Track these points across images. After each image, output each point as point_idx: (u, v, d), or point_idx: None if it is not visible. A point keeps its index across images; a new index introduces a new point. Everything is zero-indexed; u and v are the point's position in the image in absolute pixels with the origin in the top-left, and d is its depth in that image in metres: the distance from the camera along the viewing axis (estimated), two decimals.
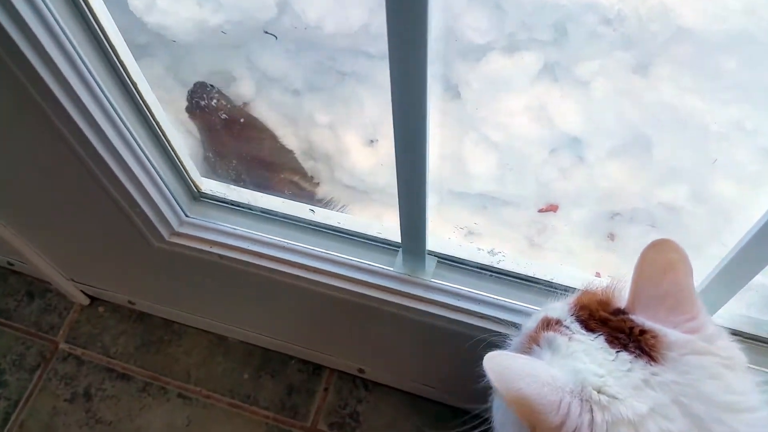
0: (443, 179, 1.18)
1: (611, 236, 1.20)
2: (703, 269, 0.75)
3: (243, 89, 1.27)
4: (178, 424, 1.29)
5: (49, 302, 1.43)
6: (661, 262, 0.55)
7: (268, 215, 0.94)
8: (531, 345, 0.58)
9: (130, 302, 1.35)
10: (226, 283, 1.04)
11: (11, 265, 1.42)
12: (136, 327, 1.39)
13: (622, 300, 0.59)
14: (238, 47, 1.22)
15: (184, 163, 0.92)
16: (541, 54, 1.04)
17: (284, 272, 0.92)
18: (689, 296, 0.54)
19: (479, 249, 0.85)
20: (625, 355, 0.53)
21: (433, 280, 0.87)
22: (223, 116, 1.23)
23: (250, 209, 0.95)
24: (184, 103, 1.29)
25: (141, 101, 0.82)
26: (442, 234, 1.10)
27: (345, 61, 1.19)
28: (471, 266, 0.87)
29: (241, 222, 0.95)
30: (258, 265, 0.93)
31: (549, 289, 0.83)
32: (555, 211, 1.19)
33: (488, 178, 1.16)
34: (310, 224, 0.92)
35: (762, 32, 0.97)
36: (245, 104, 1.29)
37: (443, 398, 1.18)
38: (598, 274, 1.16)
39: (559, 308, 0.60)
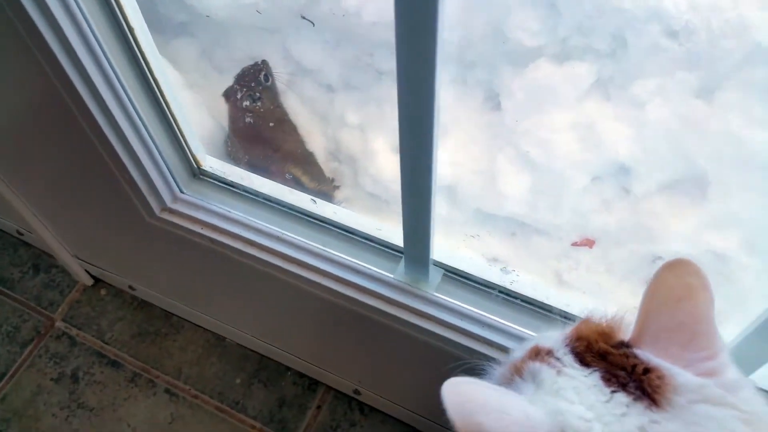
0: (471, 197, 1.08)
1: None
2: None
3: (276, 79, 1.20)
4: (160, 420, 1.22)
5: (53, 278, 1.39)
6: (677, 288, 0.45)
7: (267, 201, 0.86)
8: (513, 376, 0.49)
9: (130, 287, 1.29)
10: (218, 272, 0.96)
11: (21, 234, 1.39)
12: (135, 315, 1.33)
13: (627, 333, 0.49)
14: (273, 32, 1.15)
15: (187, 137, 0.86)
16: (594, 66, 0.93)
17: (276, 265, 0.83)
18: (708, 330, 0.44)
19: (490, 264, 0.75)
20: (621, 397, 0.43)
21: (436, 294, 0.77)
22: (260, 108, 1.15)
23: (249, 193, 0.87)
24: (218, 88, 1.23)
25: (145, 66, 0.76)
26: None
27: (383, 58, 1.11)
28: (480, 284, 0.77)
29: (238, 206, 0.87)
30: (249, 254, 0.85)
31: (567, 320, 0.72)
32: (591, 247, 1.07)
33: (520, 201, 1.06)
34: (311, 216, 0.84)
35: None
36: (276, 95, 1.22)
37: None
38: None
39: (553, 337, 0.50)
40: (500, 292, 0.76)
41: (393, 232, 0.81)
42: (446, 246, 0.77)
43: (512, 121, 1.01)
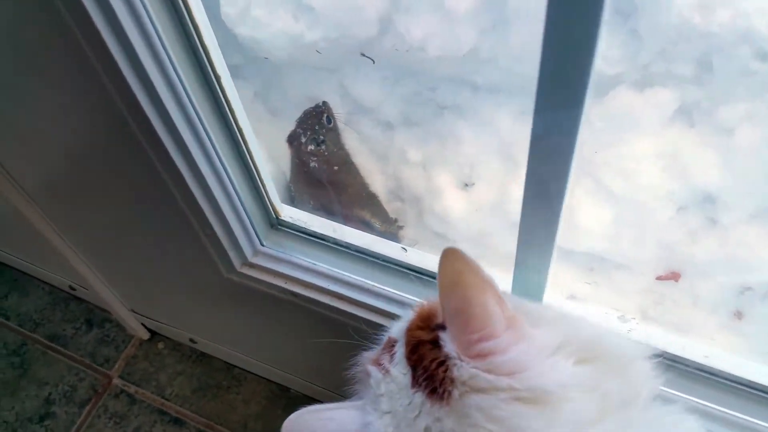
0: None
1: (738, 314, 1.02)
2: None
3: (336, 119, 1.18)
4: None
5: (108, 333, 1.35)
6: (450, 274, 0.46)
7: (352, 252, 0.82)
8: (365, 377, 0.51)
9: (191, 340, 1.25)
10: (300, 327, 0.92)
11: (73, 290, 1.36)
12: (195, 368, 1.29)
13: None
14: (332, 71, 1.12)
15: (266, 186, 0.82)
16: (678, 92, 0.90)
17: (369, 320, 0.79)
18: (481, 313, 0.45)
19: (606, 312, 0.71)
20: (418, 397, 0.45)
21: None
22: (324, 151, 1.12)
23: (333, 243, 0.83)
24: (273, 130, 1.21)
25: (230, 113, 0.73)
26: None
27: (446, 92, 1.08)
28: None
29: (321, 257, 0.83)
30: (336, 308, 0.81)
31: (695, 372, 0.67)
32: (677, 280, 1.03)
33: (600, 235, 1.01)
34: (402, 266, 0.80)
35: None
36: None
37: None
38: None
39: (400, 325, 0.51)
40: None
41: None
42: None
43: (590, 152, 0.98)
